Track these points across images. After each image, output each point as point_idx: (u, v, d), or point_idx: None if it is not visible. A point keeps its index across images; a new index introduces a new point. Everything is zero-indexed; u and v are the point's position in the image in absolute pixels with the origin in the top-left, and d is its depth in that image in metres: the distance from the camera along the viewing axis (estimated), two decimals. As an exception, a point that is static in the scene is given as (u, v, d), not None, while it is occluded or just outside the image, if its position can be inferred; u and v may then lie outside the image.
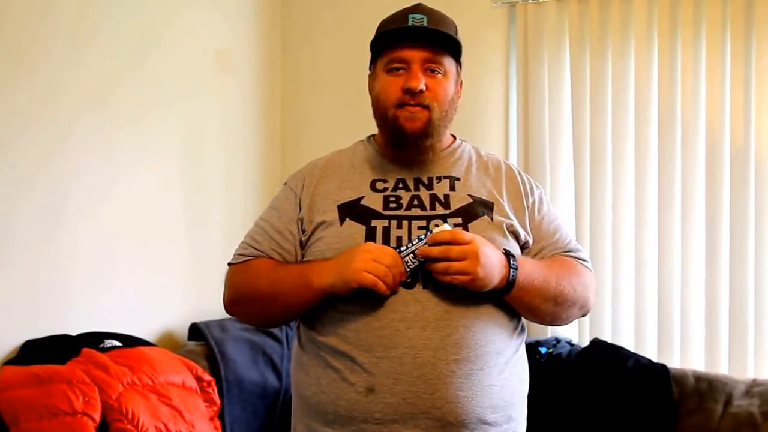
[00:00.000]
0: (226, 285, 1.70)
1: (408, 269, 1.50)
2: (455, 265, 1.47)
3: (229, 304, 1.70)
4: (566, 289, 1.63)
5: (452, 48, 1.64)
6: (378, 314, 1.51)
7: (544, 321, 1.72)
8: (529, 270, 1.57)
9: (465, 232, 1.54)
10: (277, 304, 1.61)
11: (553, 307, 1.63)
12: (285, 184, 1.76)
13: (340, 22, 3.70)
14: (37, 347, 2.54)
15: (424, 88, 1.59)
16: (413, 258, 1.50)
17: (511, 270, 1.53)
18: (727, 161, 3.07)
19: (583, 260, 1.72)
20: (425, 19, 1.62)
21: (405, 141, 1.62)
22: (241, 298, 1.67)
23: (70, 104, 2.72)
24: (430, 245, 1.49)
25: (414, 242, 1.51)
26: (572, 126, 3.31)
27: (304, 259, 1.63)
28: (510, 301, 1.58)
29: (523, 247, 1.66)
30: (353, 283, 1.48)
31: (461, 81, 1.71)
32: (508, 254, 1.55)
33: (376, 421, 1.49)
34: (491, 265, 1.50)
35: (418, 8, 1.66)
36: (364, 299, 1.51)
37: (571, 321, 1.75)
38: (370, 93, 1.70)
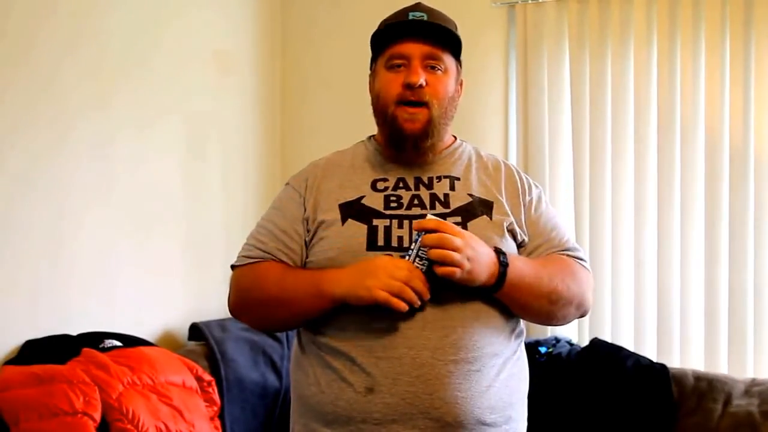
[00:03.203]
0: (231, 288, 1.68)
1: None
2: (449, 255, 1.45)
3: (235, 308, 1.68)
4: (559, 287, 1.61)
5: (452, 45, 1.64)
6: (377, 315, 1.51)
7: (539, 320, 1.71)
8: (520, 267, 1.56)
9: (452, 225, 1.52)
10: (286, 310, 1.59)
11: (547, 305, 1.61)
12: (287, 184, 1.75)
13: (340, 22, 3.70)
14: (37, 347, 2.54)
15: (424, 83, 1.59)
16: (420, 262, 1.48)
17: (501, 266, 1.52)
18: (726, 161, 3.08)
19: (581, 259, 1.71)
20: (425, 17, 1.62)
21: (404, 142, 1.62)
22: (248, 303, 1.65)
23: (71, 104, 2.72)
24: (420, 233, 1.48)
25: (412, 246, 1.50)
26: (572, 126, 3.32)
27: (308, 259, 1.63)
28: (501, 298, 1.57)
29: (520, 245, 1.66)
30: (368, 300, 1.47)
31: (461, 80, 1.71)
32: (498, 251, 1.55)
33: (375, 422, 1.49)
34: (480, 260, 1.49)
35: (418, 6, 1.66)
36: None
37: (569, 321, 1.73)
38: (371, 92, 1.69)
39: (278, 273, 1.60)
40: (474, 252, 1.48)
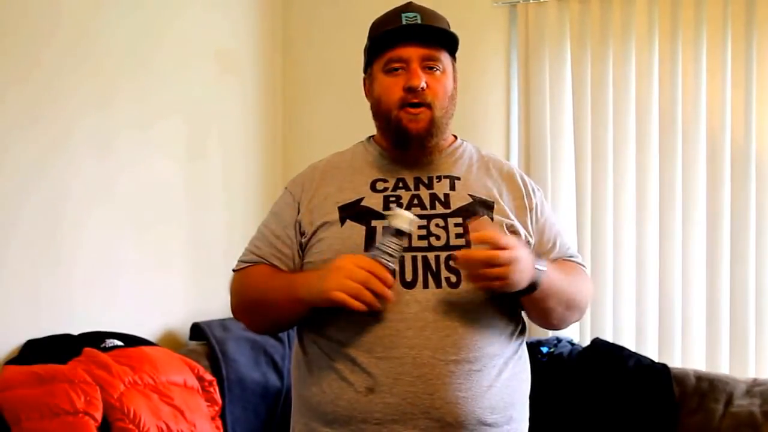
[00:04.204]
0: (230, 292, 1.71)
1: (390, 270, 1.46)
2: (494, 271, 1.43)
3: (234, 311, 1.72)
4: (577, 295, 1.64)
5: (448, 43, 1.64)
6: (378, 315, 1.51)
7: (550, 324, 1.71)
8: (551, 273, 1.55)
9: (498, 234, 1.50)
10: (270, 313, 1.62)
11: (564, 311, 1.63)
12: (285, 188, 1.76)
13: (342, 21, 3.70)
14: (38, 347, 2.54)
15: (425, 86, 1.60)
16: (390, 258, 1.46)
17: (537, 272, 1.51)
18: (727, 161, 3.08)
19: (583, 266, 1.74)
20: (418, 17, 1.62)
21: (410, 143, 1.63)
22: (242, 307, 1.69)
23: (72, 104, 2.72)
24: (471, 240, 1.48)
25: (383, 241, 1.47)
26: (573, 126, 3.32)
27: (305, 260, 1.63)
28: (526, 302, 1.57)
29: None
30: (326, 303, 1.48)
31: (456, 75, 1.71)
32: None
33: (376, 421, 1.49)
34: (526, 270, 1.48)
35: (409, 7, 1.66)
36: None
37: (569, 326, 1.76)
38: (368, 96, 1.70)
39: (264, 277, 1.63)
40: (523, 263, 1.46)
